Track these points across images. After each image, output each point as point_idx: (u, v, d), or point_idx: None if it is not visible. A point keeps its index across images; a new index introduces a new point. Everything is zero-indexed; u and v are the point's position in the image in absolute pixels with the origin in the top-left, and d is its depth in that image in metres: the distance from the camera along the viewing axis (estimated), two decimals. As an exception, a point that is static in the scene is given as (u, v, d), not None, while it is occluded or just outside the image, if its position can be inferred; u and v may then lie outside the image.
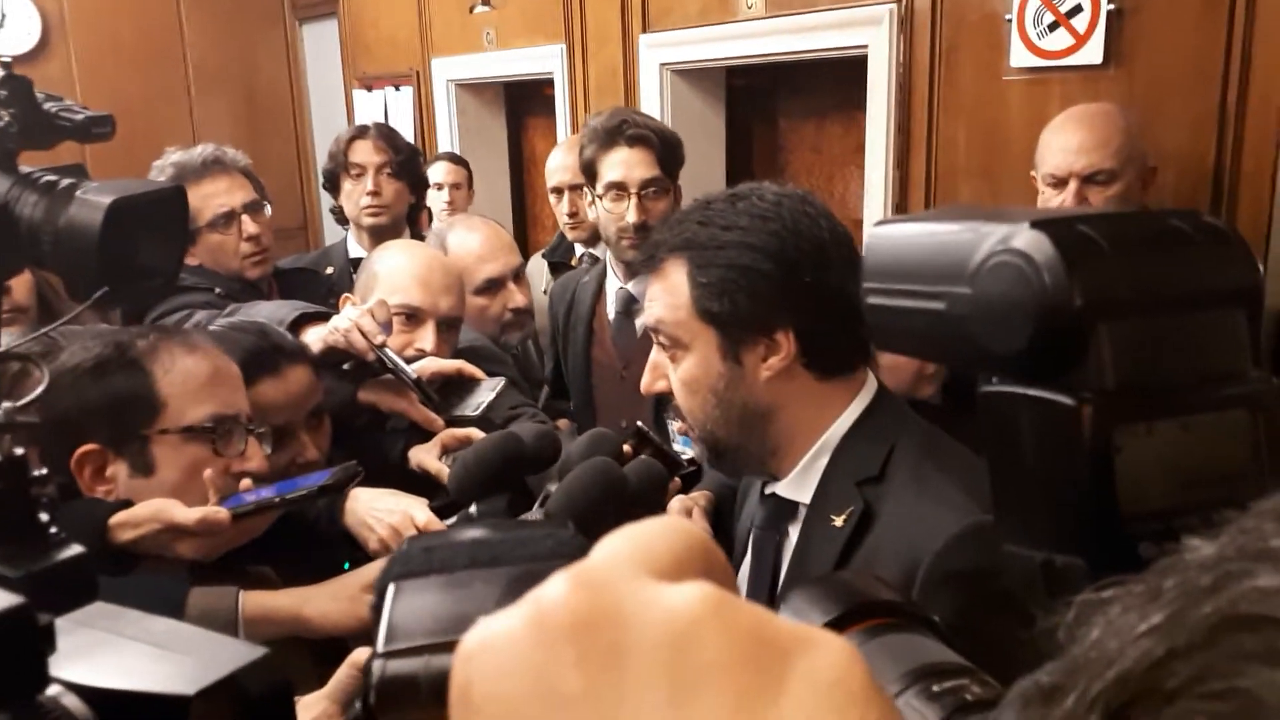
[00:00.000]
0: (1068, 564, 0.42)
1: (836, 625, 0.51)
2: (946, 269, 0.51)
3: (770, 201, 1.25)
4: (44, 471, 0.60)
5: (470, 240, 2.28)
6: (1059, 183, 2.25)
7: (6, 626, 0.38)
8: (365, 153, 2.90)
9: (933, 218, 0.57)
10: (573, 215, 2.89)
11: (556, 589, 0.27)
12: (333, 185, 2.98)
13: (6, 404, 0.60)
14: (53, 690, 0.39)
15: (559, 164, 2.93)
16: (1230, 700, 0.23)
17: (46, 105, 1.23)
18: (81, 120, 1.21)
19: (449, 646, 0.36)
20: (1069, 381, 0.45)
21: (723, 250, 1.22)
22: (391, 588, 0.40)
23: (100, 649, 0.41)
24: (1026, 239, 0.48)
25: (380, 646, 0.37)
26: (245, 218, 2.39)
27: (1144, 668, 0.26)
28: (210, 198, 2.37)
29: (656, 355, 1.32)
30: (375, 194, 2.87)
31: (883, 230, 0.58)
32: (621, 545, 0.29)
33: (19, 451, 0.58)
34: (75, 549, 0.50)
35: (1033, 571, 0.43)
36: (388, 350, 1.63)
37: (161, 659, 0.40)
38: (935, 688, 0.47)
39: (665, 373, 1.30)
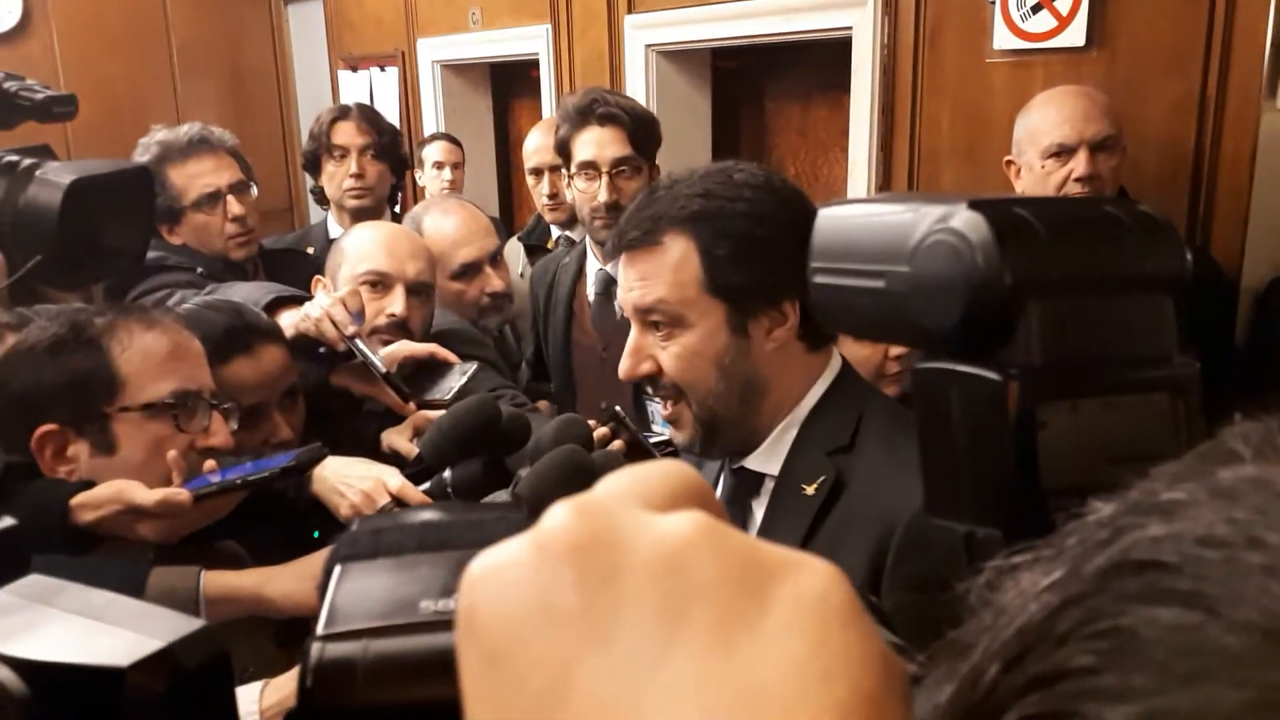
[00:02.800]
0: (988, 536, 0.42)
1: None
2: (888, 248, 0.52)
3: (763, 175, 1.28)
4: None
5: (446, 224, 2.25)
6: (1065, 153, 2.21)
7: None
8: (348, 134, 2.88)
9: (878, 200, 0.58)
10: (553, 197, 2.86)
11: (558, 516, 0.29)
12: (314, 166, 2.95)
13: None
14: None
15: (537, 145, 2.90)
16: (1112, 639, 0.24)
17: (6, 84, 1.22)
18: (41, 99, 1.20)
19: (389, 631, 0.36)
20: (998, 358, 0.46)
21: (734, 222, 1.22)
22: (337, 569, 0.40)
23: (34, 621, 0.40)
24: (963, 219, 0.48)
25: (321, 629, 0.37)
26: (230, 198, 2.36)
27: (1041, 618, 0.27)
28: (196, 177, 2.33)
29: (637, 338, 1.28)
30: (359, 176, 2.85)
31: (830, 211, 0.58)
32: (620, 480, 0.31)
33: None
34: (7, 521, 0.49)
35: (956, 543, 0.44)
36: (358, 341, 1.63)
37: (97, 631, 0.40)
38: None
39: (649, 354, 1.27)
